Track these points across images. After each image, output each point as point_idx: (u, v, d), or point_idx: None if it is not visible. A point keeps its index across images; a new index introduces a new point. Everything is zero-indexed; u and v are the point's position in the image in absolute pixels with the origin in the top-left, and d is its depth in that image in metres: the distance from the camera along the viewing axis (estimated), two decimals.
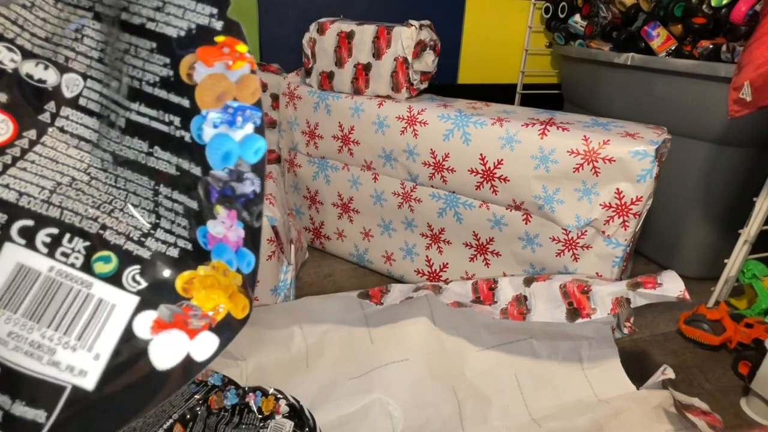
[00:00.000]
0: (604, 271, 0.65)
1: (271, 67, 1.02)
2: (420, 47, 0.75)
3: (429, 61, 0.77)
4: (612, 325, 0.62)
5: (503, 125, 0.67)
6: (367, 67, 0.78)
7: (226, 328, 0.31)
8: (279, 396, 0.44)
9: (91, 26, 0.33)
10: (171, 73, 0.31)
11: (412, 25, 0.73)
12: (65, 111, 0.33)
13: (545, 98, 1.38)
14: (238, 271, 0.31)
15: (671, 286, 0.53)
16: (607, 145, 0.60)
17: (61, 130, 0.33)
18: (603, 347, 0.61)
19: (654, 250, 0.98)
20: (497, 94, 1.36)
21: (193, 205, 0.31)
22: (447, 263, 0.80)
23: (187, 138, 0.31)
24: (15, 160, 0.32)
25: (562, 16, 1.21)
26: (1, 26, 0.32)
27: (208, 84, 0.30)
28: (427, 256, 0.81)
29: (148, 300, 0.31)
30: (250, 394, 0.45)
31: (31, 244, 0.31)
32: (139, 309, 0.31)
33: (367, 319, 0.63)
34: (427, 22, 0.76)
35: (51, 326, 0.30)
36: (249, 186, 0.30)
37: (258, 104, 0.30)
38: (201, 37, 0.30)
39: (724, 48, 0.80)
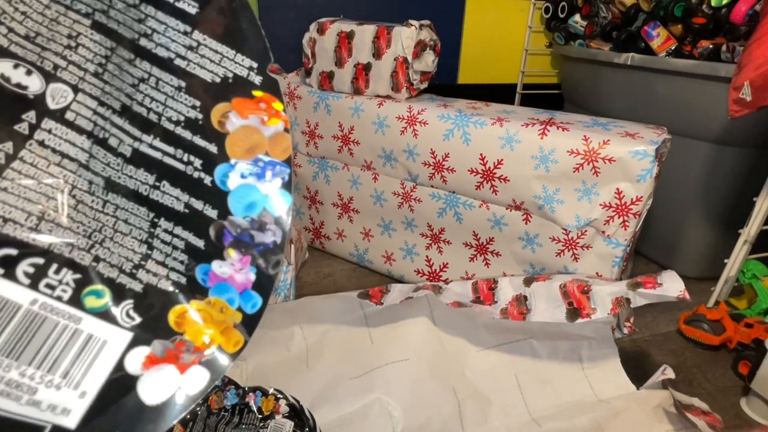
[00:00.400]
0: (604, 271, 0.65)
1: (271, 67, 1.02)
2: (420, 47, 0.75)
3: (429, 61, 0.77)
4: (612, 325, 0.62)
5: (503, 125, 0.67)
6: (367, 67, 0.78)
7: (217, 362, 0.31)
8: (279, 396, 0.44)
9: (89, 36, 0.30)
10: (200, 116, 0.31)
11: (412, 25, 0.73)
12: (48, 123, 0.30)
13: (545, 98, 1.38)
14: (240, 309, 0.31)
15: (671, 286, 0.53)
16: (607, 145, 0.60)
17: (42, 144, 0.30)
18: (603, 347, 0.61)
19: (654, 250, 0.98)
20: (497, 94, 1.36)
21: (199, 243, 0.31)
22: (447, 263, 0.80)
23: (207, 181, 0.31)
24: None
25: (562, 16, 1.21)
26: None
27: (241, 135, 0.30)
28: (427, 256, 0.81)
29: (141, 335, 0.30)
30: (250, 394, 0.45)
31: (10, 274, 0.28)
32: (131, 345, 0.30)
33: (367, 319, 0.63)
34: (427, 22, 0.76)
35: (32, 364, 0.28)
36: (270, 236, 0.31)
37: (288, 161, 0.31)
38: (238, 88, 0.30)
39: (724, 48, 0.80)
